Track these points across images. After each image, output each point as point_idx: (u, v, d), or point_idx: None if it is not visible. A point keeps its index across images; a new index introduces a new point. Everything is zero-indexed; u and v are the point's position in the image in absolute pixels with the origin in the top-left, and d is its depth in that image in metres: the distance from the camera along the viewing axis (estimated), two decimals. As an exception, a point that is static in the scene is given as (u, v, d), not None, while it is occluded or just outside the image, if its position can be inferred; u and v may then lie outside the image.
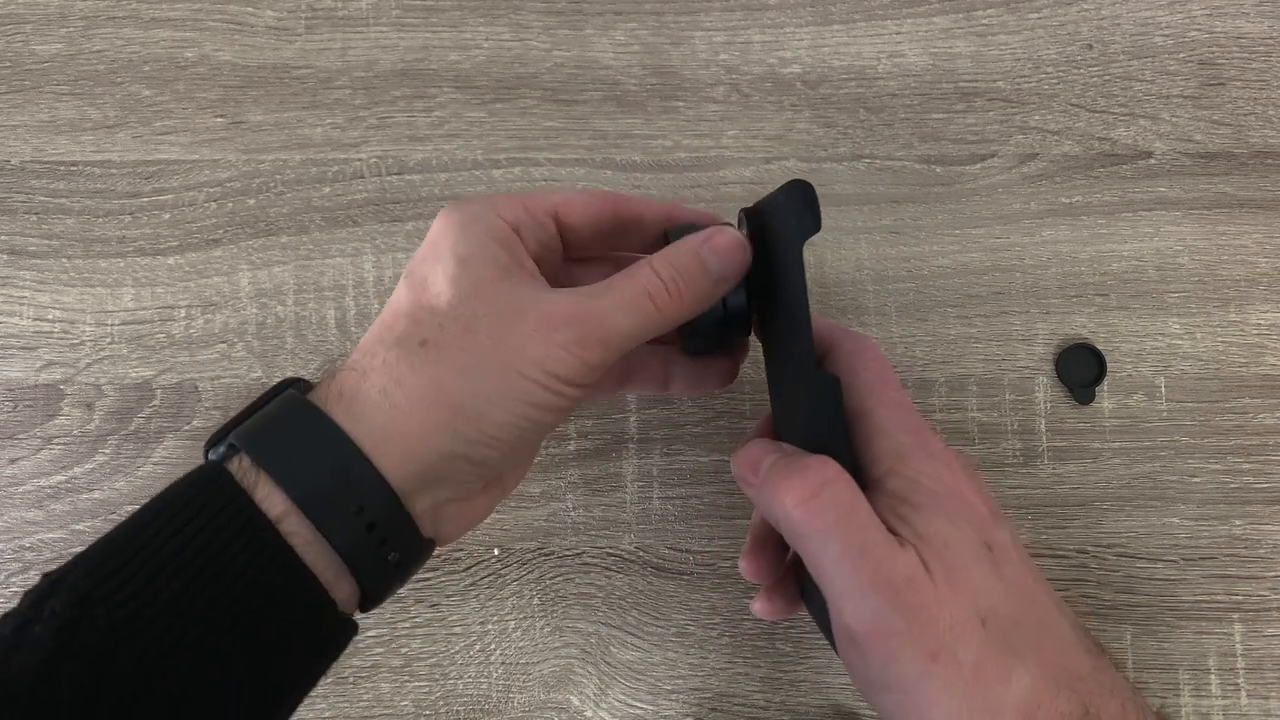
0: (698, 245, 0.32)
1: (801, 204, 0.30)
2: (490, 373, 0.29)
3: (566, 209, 0.34)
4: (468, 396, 0.29)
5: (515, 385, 0.29)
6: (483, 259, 0.31)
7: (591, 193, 0.35)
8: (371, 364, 0.30)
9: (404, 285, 0.31)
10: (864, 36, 0.48)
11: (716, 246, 0.32)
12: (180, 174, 0.47)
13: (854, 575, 0.28)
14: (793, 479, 0.30)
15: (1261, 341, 0.46)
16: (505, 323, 0.30)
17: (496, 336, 0.29)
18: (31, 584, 0.28)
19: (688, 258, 0.32)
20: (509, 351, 0.29)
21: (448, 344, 0.29)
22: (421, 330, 0.30)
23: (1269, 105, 0.48)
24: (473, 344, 0.29)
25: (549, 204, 0.34)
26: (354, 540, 0.29)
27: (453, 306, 0.30)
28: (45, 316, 0.46)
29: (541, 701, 0.43)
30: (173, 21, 0.48)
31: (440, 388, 0.29)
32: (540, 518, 0.44)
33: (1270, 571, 0.44)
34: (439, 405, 0.29)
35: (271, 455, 0.28)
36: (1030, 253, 0.46)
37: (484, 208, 0.32)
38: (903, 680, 0.28)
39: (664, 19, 0.49)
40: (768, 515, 0.31)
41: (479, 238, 0.31)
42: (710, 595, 0.44)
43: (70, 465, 0.45)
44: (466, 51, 0.48)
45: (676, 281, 0.31)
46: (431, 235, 0.32)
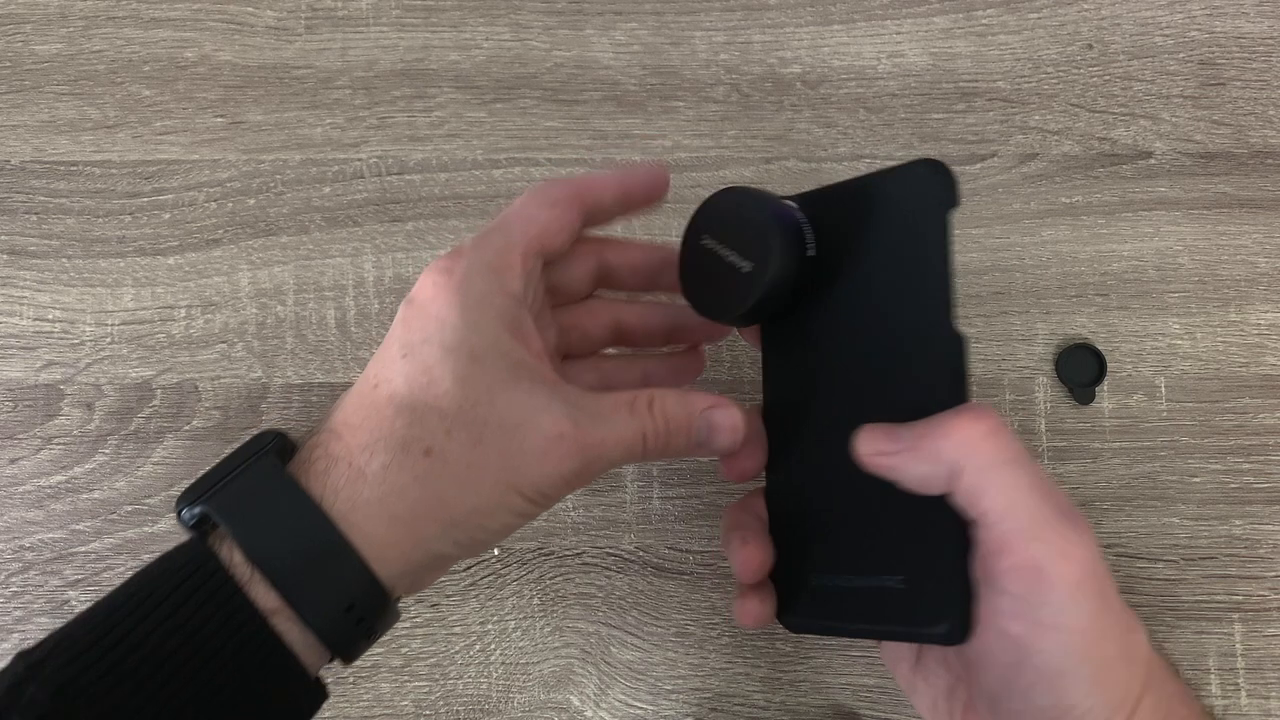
0: (697, 413, 0.32)
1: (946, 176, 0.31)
2: (492, 489, 0.29)
3: (548, 238, 0.33)
4: (468, 511, 0.29)
5: (513, 502, 0.30)
6: (495, 356, 0.30)
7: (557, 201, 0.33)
8: (369, 466, 0.29)
9: (400, 365, 0.30)
10: (864, 36, 0.48)
11: (715, 424, 0.33)
12: (180, 174, 0.47)
13: (1045, 503, 0.28)
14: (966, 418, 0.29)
15: (1261, 341, 0.46)
16: (511, 439, 0.29)
17: (502, 453, 0.29)
18: (31, 583, 0.27)
19: (683, 417, 0.32)
20: (511, 471, 0.29)
21: (453, 456, 0.29)
22: (426, 436, 0.29)
23: (1269, 105, 0.48)
24: (478, 458, 0.29)
25: (536, 247, 0.32)
26: (340, 630, 0.28)
27: (462, 412, 0.29)
28: (45, 316, 0.46)
29: (541, 701, 0.43)
30: (173, 21, 0.48)
31: (441, 503, 0.29)
32: (540, 518, 0.44)
33: (1270, 571, 0.44)
34: (438, 519, 0.29)
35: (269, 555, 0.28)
36: (1030, 253, 0.47)
37: (492, 284, 0.30)
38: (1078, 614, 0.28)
39: (664, 19, 0.49)
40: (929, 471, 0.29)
41: (491, 327, 0.30)
42: (710, 595, 0.44)
43: (70, 465, 0.45)
44: (466, 51, 0.48)
45: (668, 436, 0.32)
46: (431, 309, 0.30)
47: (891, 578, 0.31)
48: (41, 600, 0.43)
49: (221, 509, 0.28)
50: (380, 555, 0.28)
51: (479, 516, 0.29)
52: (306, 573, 0.28)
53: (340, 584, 0.28)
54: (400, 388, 0.29)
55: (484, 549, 0.31)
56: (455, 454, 0.29)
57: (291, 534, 0.28)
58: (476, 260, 0.31)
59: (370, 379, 0.30)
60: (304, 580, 0.28)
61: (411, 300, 0.31)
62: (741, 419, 0.33)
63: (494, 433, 0.29)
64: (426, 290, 0.30)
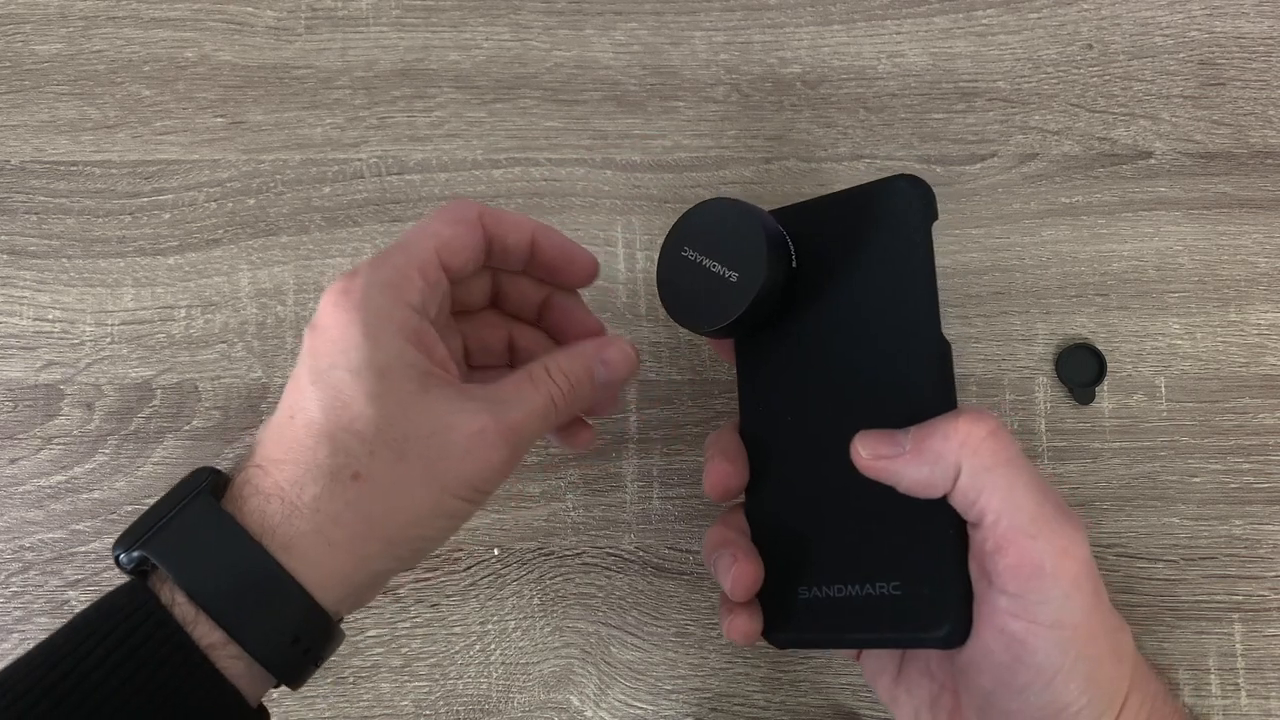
0: (591, 358, 0.34)
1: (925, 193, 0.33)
2: (423, 498, 0.30)
3: (448, 253, 0.33)
4: (404, 525, 0.30)
5: (448, 505, 0.30)
6: (402, 369, 0.30)
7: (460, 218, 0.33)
8: (301, 499, 0.29)
9: (311, 393, 0.30)
10: (864, 36, 0.48)
11: (608, 360, 0.34)
12: (180, 174, 0.47)
13: (1046, 502, 0.29)
14: (966, 420, 0.29)
15: (1261, 341, 0.46)
16: (434, 445, 0.30)
17: (427, 461, 0.30)
18: (31, 583, 0.27)
19: (581, 369, 0.34)
20: (440, 475, 0.30)
21: (379, 476, 0.29)
22: (351, 462, 0.29)
23: (1269, 105, 0.48)
24: (404, 473, 0.29)
25: (434, 259, 0.32)
26: (287, 660, 0.29)
27: (380, 432, 0.29)
28: (45, 316, 0.46)
29: (541, 701, 0.43)
30: (173, 21, 0.48)
31: (375, 524, 0.29)
32: (540, 518, 0.44)
33: (1270, 571, 0.44)
34: (374, 539, 0.29)
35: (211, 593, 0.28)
36: (1030, 253, 0.47)
37: (390, 298, 0.31)
38: (1076, 611, 0.28)
39: (664, 19, 0.49)
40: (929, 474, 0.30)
41: (393, 341, 0.30)
42: (710, 595, 0.44)
43: (70, 465, 0.45)
44: (466, 51, 0.48)
45: (571, 389, 0.33)
46: (333, 333, 0.30)
47: (886, 584, 0.31)
48: (41, 600, 0.43)
49: (160, 551, 0.28)
50: (321, 583, 0.29)
51: (417, 528, 0.30)
52: (250, 609, 0.28)
53: (284, 616, 0.28)
54: (316, 415, 0.29)
55: (427, 556, 0.32)
56: (381, 473, 0.29)
57: (231, 571, 0.28)
58: (374, 278, 0.31)
59: (286, 409, 0.30)
60: (247, 616, 0.28)
61: (315, 326, 0.31)
62: (631, 348, 0.35)
63: (415, 445, 0.29)
64: (327, 314, 0.30)
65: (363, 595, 0.31)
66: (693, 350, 0.46)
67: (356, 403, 0.29)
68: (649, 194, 0.47)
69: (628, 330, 0.46)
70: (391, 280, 0.31)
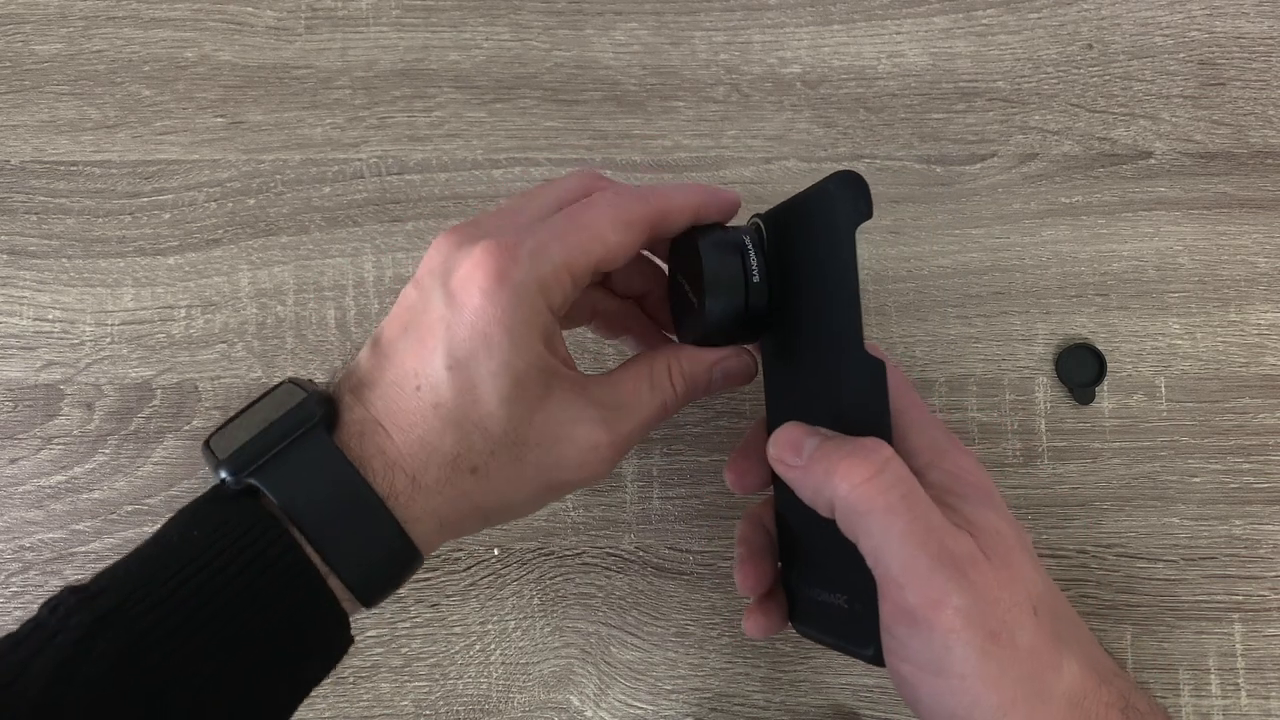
0: (713, 364, 0.35)
1: (855, 191, 0.31)
2: (531, 495, 0.32)
3: (608, 262, 0.32)
4: (505, 512, 0.33)
5: (548, 500, 0.33)
6: (535, 374, 0.31)
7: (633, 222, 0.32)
8: (424, 479, 0.30)
9: (450, 381, 0.30)
10: (864, 36, 0.48)
11: (729, 371, 0.35)
12: (180, 174, 0.47)
13: (921, 551, 0.28)
14: (851, 458, 0.29)
15: (1261, 341, 0.46)
16: (549, 454, 0.31)
17: (540, 468, 0.32)
18: (31, 583, 0.28)
19: (702, 375, 0.35)
20: (550, 479, 0.32)
21: (495, 474, 0.31)
22: (473, 457, 0.30)
23: (1269, 105, 0.48)
24: (518, 474, 0.31)
25: (594, 263, 0.31)
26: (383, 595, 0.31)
27: (505, 434, 0.31)
28: (45, 316, 0.46)
29: (541, 701, 0.43)
30: (173, 21, 0.48)
31: (483, 510, 0.32)
32: (540, 518, 0.44)
33: (1270, 571, 0.44)
34: (478, 519, 0.32)
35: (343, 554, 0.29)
36: (1030, 253, 0.46)
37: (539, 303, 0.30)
38: (961, 661, 0.27)
39: (664, 19, 0.49)
40: (814, 496, 0.30)
41: (533, 346, 0.30)
42: (710, 595, 0.44)
43: (70, 465, 0.45)
44: (466, 51, 0.48)
45: (687, 392, 0.34)
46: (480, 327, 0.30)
47: (841, 596, 0.32)
48: (41, 600, 0.43)
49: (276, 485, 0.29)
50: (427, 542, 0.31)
51: (515, 514, 0.33)
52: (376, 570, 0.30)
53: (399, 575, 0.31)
54: (447, 400, 0.30)
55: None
56: (498, 472, 0.31)
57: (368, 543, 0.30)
58: (531, 276, 0.30)
59: (411, 376, 0.30)
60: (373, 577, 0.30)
61: (454, 298, 0.30)
62: (752, 359, 0.36)
63: (534, 451, 0.31)
64: (475, 297, 0.30)
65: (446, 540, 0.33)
66: (693, 350, 0.46)
67: (489, 402, 0.30)
68: (649, 194, 0.47)
69: (628, 330, 0.46)
70: (545, 282, 0.30)
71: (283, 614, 0.28)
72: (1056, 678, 0.28)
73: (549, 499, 0.33)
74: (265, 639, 0.28)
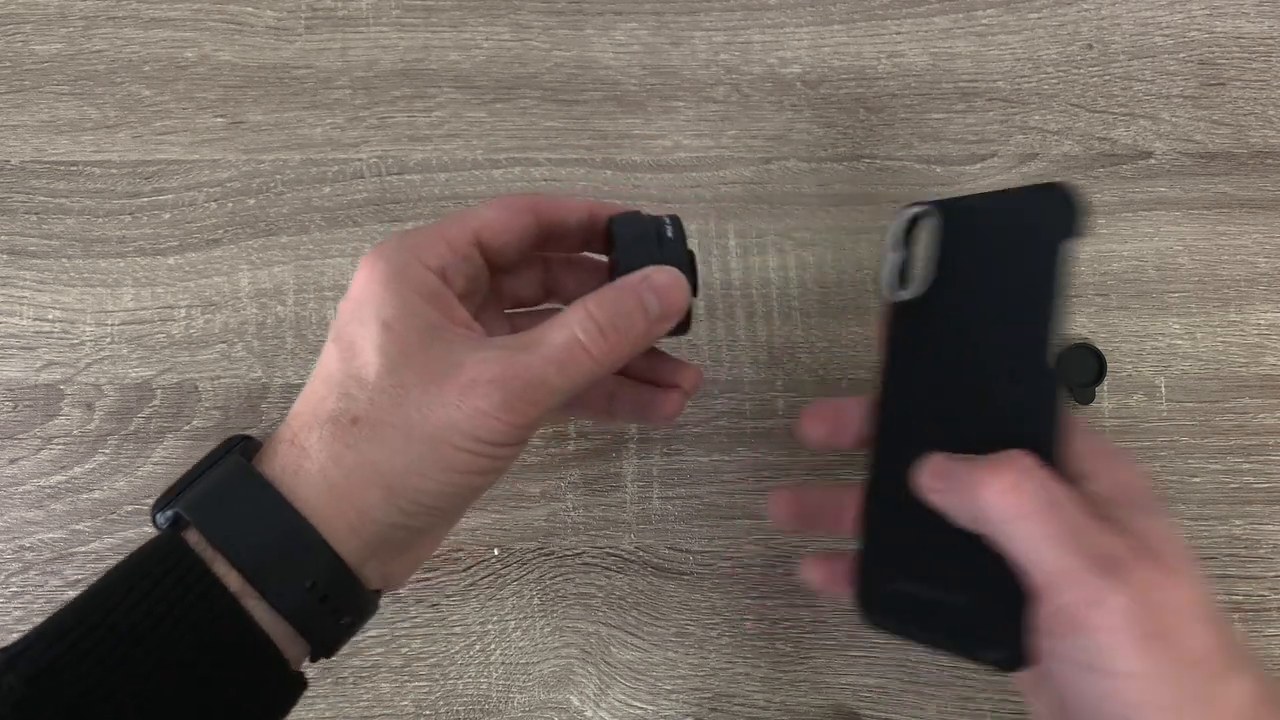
0: (637, 285, 0.32)
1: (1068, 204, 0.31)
2: (421, 446, 0.29)
3: (489, 233, 0.33)
4: (400, 473, 0.29)
5: (446, 455, 0.29)
6: (408, 321, 0.30)
7: (510, 205, 0.34)
8: (309, 441, 0.30)
9: (332, 349, 0.31)
10: (864, 36, 0.48)
11: (658, 287, 0.32)
12: (180, 174, 0.47)
13: (1071, 553, 0.28)
14: (994, 470, 0.29)
15: (1261, 341, 0.46)
16: (432, 392, 0.29)
17: (424, 408, 0.29)
18: (31, 583, 0.28)
19: (627, 299, 0.31)
20: (437, 423, 0.29)
21: (378, 420, 0.29)
22: (353, 406, 0.30)
23: (1269, 105, 0.48)
24: (402, 418, 0.29)
25: (469, 232, 0.33)
26: (309, 612, 0.29)
27: (380, 378, 0.29)
28: (45, 316, 0.46)
29: (541, 701, 0.43)
30: (173, 21, 0.48)
31: (373, 467, 0.29)
32: (540, 518, 0.44)
33: (1270, 571, 0.44)
34: (374, 484, 0.29)
35: (227, 535, 0.29)
36: (1030, 253, 0.46)
37: (408, 257, 0.31)
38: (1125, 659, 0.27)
39: (664, 19, 0.49)
40: (964, 517, 0.30)
41: (404, 296, 0.30)
42: (710, 595, 0.44)
43: (70, 465, 0.45)
44: (466, 51, 0.48)
45: (615, 326, 0.31)
46: (354, 291, 0.31)
47: (962, 596, 0.32)
48: (41, 600, 0.43)
49: (188, 504, 0.29)
50: (329, 529, 0.29)
51: (414, 477, 0.29)
52: (266, 552, 0.29)
53: (303, 566, 0.29)
54: (330, 367, 0.30)
55: (435, 518, 0.31)
56: (379, 417, 0.29)
57: (253, 520, 0.29)
58: (398, 243, 0.32)
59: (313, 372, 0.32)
60: (264, 560, 0.29)
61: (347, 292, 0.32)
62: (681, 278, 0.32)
63: (413, 392, 0.29)
64: (355, 280, 0.31)
65: (385, 560, 0.31)
66: (692, 350, 0.46)
67: (365, 352, 0.30)
68: (649, 194, 0.47)
69: (628, 330, 0.46)
70: (414, 244, 0.32)
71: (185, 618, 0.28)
72: (1225, 689, 0.27)
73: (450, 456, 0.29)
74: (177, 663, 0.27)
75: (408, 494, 0.29)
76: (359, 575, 0.30)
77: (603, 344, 0.30)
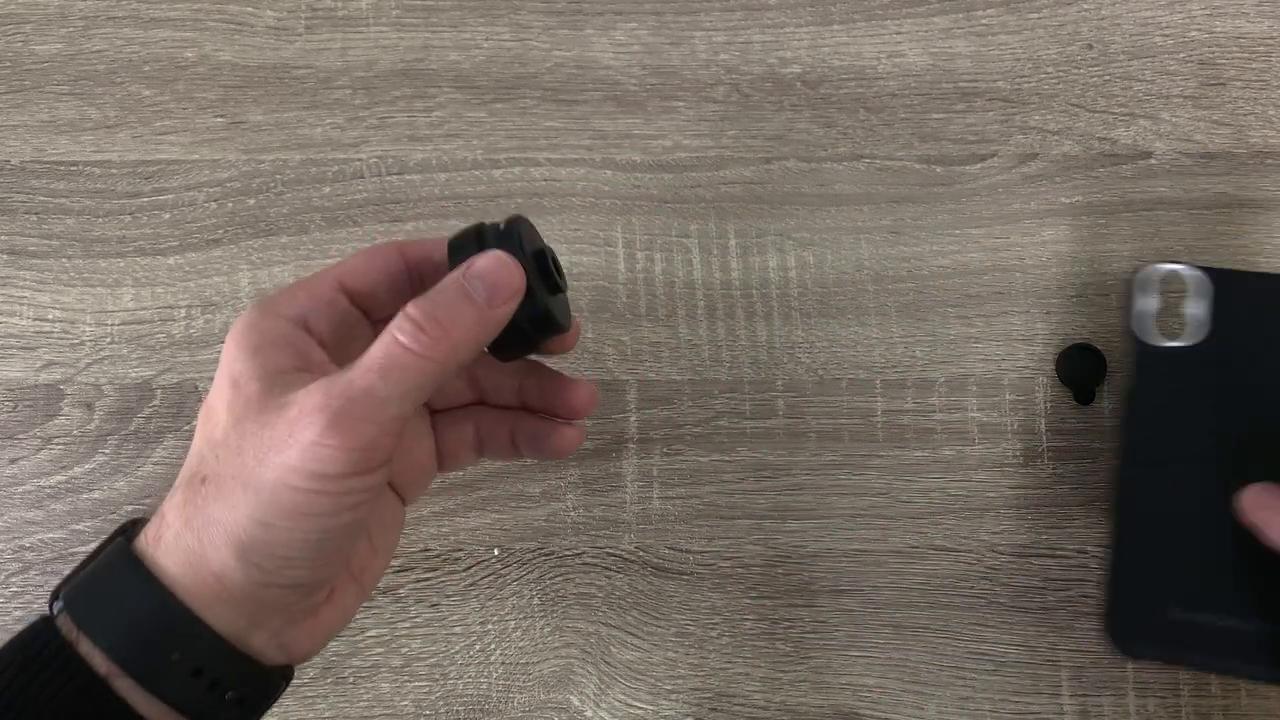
0: (458, 274, 0.30)
1: None
2: (260, 493, 0.27)
3: (350, 277, 0.33)
4: (247, 527, 0.27)
5: (286, 499, 0.27)
6: (252, 374, 0.29)
7: (372, 251, 0.34)
8: (167, 508, 0.29)
9: (199, 422, 0.30)
10: (864, 36, 0.48)
11: (480, 270, 0.30)
12: (180, 174, 0.47)
13: None
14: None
15: (1261, 341, 0.46)
16: (266, 437, 0.28)
17: (260, 453, 0.27)
18: (31, 584, 0.28)
19: (447, 290, 0.30)
20: (272, 467, 0.27)
21: (221, 475, 0.28)
22: (203, 466, 0.29)
23: (1269, 105, 0.48)
24: (241, 469, 0.28)
25: (331, 279, 0.33)
26: (183, 690, 0.28)
27: (226, 434, 0.29)
28: (45, 316, 0.46)
29: (541, 701, 0.43)
30: (173, 21, 0.48)
31: (220, 525, 0.28)
32: (540, 518, 0.45)
33: (1270, 571, 0.44)
34: (223, 544, 0.28)
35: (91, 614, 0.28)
36: (1030, 253, 0.46)
37: (262, 311, 0.31)
38: None
39: (664, 19, 0.49)
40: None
41: (250, 351, 0.30)
42: (710, 595, 0.44)
43: (70, 465, 0.45)
44: (466, 51, 0.48)
45: (435, 318, 0.29)
46: (221, 357, 0.30)
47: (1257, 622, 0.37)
48: (41, 600, 0.43)
49: (68, 590, 0.29)
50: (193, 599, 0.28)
51: (259, 529, 0.27)
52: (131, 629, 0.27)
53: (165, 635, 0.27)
54: (196, 438, 0.30)
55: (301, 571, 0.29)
56: (221, 471, 0.28)
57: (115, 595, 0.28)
58: (256, 301, 0.32)
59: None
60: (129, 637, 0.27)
61: None
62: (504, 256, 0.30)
63: (250, 439, 0.28)
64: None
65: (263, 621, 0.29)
66: (692, 351, 0.46)
67: (217, 412, 0.29)
68: (649, 194, 0.47)
69: (627, 330, 0.46)
70: (271, 298, 0.32)
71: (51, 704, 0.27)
72: None
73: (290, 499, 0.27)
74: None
75: (258, 548, 0.27)
76: (241, 647, 0.29)
77: (424, 338, 0.28)
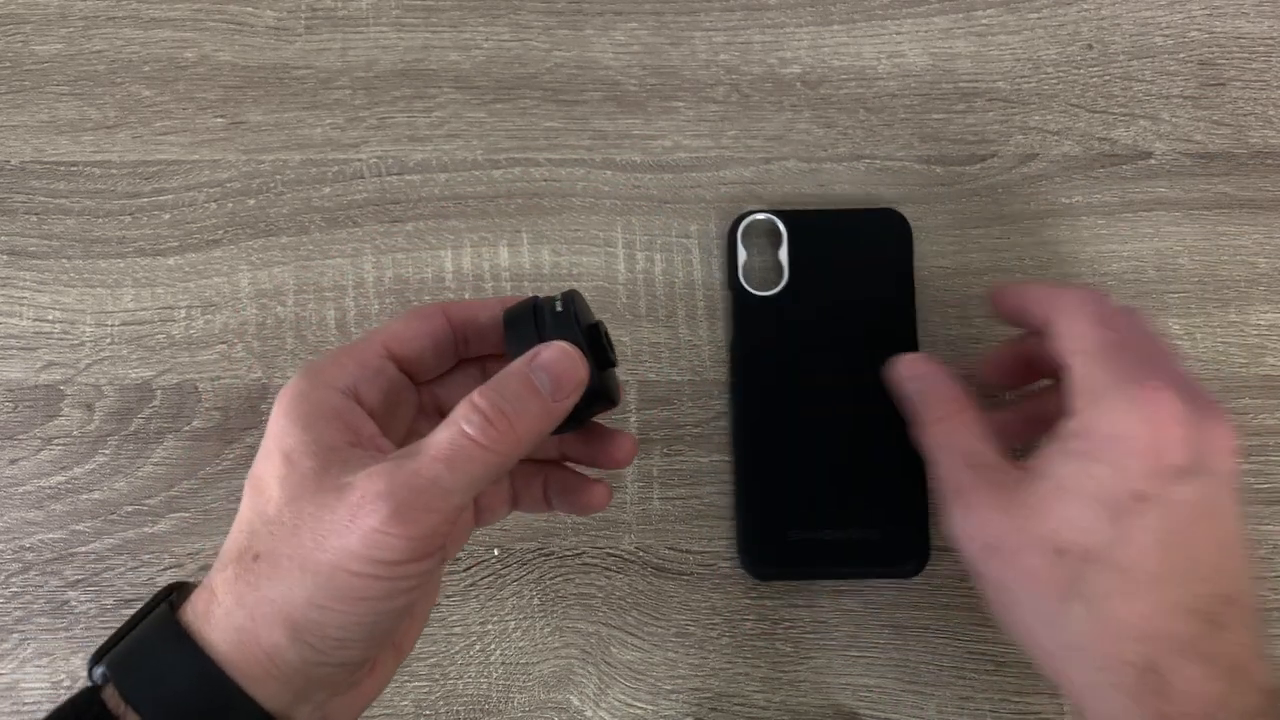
0: (524, 366, 0.30)
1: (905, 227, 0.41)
2: (317, 576, 0.27)
3: (397, 343, 0.33)
4: (302, 608, 0.27)
5: (343, 584, 0.27)
6: (305, 450, 0.29)
7: (418, 314, 0.33)
8: (217, 583, 0.29)
9: (246, 490, 0.30)
10: (864, 36, 0.48)
11: (546, 363, 0.30)
12: (180, 174, 0.47)
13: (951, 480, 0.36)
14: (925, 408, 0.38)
15: (1261, 342, 0.46)
16: (325, 519, 0.27)
17: (318, 535, 0.27)
18: (31, 584, 0.28)
19: (512, 382, 0.30)
20: (331, 551, 0.27)
21: (276, 554, 0.28)
22: (255, 543, 0.29)
23: (1269, 105, 0.48)
24: (297, 550, 0.28)
25: (378, 345, 0.32)
26: None
27: (279, 511, 0.28)
28: (45, 317, 0.46)
29: (541, 701, 0.43)
30: (173, 21, 0.48)
31: (273, 605, 0.28)
32: (540, 518, 0.44)
33: (1270, 571, 0.44)
34: (276, 623, 0.28)
35: (139, 688, 0.28)
36: (1030, 253, 0.46)
37: (312, 381, 0.31)
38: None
39: (664, 19, 0.49)
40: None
41: (303, 423, 0.29)
42: (710, 595, 0.44)
43: (70, 465, 0.45)
44: (466, 51, 0.48)
45: (501, 410, 0.29)
46: (269, 426, 0.30)
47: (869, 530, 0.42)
48: (41, 600, 0.43)
49: (112, 659, 0.29)
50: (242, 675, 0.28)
51: (314, 611, 0.27)
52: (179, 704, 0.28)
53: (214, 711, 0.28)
54: (243, 507, 0.30)
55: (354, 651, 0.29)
56: (276, 550, 0.28)
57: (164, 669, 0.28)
58: (304, 369, 0.31)
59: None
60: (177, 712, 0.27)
61: None
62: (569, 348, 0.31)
63: (308, 519, 0.28)
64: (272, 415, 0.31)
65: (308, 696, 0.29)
66: (693, 351, 0.46)
67: (269, 487, 0.29)
68: (649, 194, 0.47)
69: (627, 330, 0.46)
70: (320, 367, 0.31)
71: None
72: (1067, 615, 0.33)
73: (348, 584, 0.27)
74: None
75: (312, 629, 0.27)
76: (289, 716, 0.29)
77: (492, 431, 0.28)
